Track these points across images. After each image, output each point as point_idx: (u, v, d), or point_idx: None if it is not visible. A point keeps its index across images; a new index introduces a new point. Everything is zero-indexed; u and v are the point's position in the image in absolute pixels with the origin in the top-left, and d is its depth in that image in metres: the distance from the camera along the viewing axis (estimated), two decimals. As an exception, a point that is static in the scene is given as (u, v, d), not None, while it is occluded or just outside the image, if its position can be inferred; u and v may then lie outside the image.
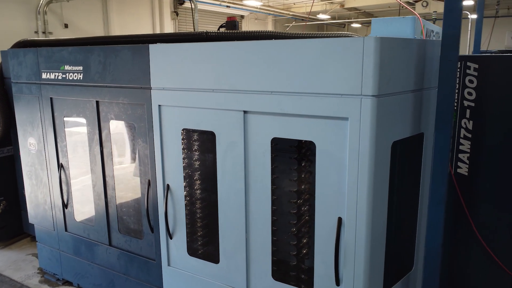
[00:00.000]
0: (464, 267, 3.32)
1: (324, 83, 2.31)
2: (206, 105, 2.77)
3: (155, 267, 3.34)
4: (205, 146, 3.16)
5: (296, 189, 2.98)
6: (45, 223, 4.10)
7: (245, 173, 2.71)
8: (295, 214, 2.93)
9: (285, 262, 2.96)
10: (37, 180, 4.04)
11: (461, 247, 3.33)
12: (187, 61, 2.78)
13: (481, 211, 3.19)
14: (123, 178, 3.55)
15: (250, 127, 2.65)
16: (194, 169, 3.20)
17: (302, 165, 3.00)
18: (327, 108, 2.33)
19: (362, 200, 2.32)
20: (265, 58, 2.47)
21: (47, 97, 3.69)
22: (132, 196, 3.56)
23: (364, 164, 2.27)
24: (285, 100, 2.45)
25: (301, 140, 2.93)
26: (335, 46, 2.24)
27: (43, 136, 3.83)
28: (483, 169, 3.14)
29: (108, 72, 3.19)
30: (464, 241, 3.28)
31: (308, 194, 3.08)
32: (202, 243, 3.25)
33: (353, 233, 2.39)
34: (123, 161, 3.59)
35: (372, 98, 2.18)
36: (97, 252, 3.72)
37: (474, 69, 3.04)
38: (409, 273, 2.92)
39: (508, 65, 2.97)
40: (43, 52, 3.60)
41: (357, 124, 2.24)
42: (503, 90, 2.98)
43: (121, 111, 3.26)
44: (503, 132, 3.07)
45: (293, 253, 2.94)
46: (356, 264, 2.41)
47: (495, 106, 3.02)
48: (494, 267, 3.28)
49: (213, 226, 3.06)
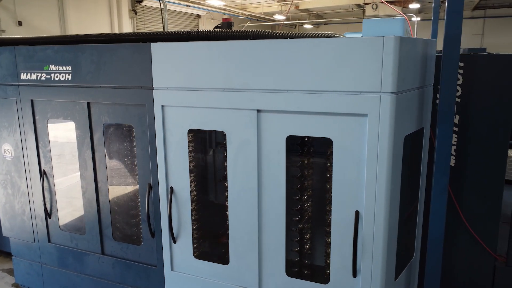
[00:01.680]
0: (451, 250, 3.55)
1: (343, 81, 2.37)
2: (216, 105, 2.73)
3: (156, 273, 3.23)
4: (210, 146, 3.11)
5: (299, 185, 3.03)
6: (23, 235, 3.80)
7: (258, 172, 2.71)
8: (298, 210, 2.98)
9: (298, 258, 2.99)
10: (13, 189, 3.74)
11: (449, 232, 3.56)
12: (195, 60, 2.72)
13: (467, 199, 3.44)
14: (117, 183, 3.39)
15: (263, 126, 2.65)
16: (199, 169, 3.14)
17: (305, 162, 3.06)
18: (345, 105, 2.39)
19: (381, 193, 2.41)
20: (282, 57, 2.49)
21: (26, 99, 3.42)
22: (128, 202, 3.42)
23: (383, 158, 2.36)
24: (302, 98, 2.49)
25: (303, 137, 2.98)
26: (354, 45, 2.31)
27: (22, 141, 3.55)
28: (469, 161, 3.38)
29: (103, 72, 3.03)
30: (452, 226, 3.51)
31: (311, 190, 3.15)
32: (209, 245, 3.19)
33: (371, 225, 2.48)
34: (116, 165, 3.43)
35: (391, 95, 2.28)
36: (87, 262, 3.52)
37: (460, 67, 3.27)
38: (411, 261, 3.08)
39: (491, 63, 3.22)
40: (22, 51, 3.33)
41: (376, 120, 2.33)
42: (487, 86, 3.23)
43: (117, 112, 3.11)
44: (487, 126, 3.33)
45: (306, 248, 2.98)
46: (374, 256, 2.51)
47: (479, 102, 3.26)
48: (479, 249, 3.54)
49: (222, 227, 3.03)
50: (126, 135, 3.38)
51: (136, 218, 3.39)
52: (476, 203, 3.43)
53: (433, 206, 2.81)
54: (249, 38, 2.68)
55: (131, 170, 3.41)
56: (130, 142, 3.35)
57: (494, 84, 3.23)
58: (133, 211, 3.40)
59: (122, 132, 3.36)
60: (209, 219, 3.21)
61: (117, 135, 3.37)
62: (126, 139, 3.37)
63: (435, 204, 2.80)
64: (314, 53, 2.41)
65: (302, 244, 3.01)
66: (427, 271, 2.90)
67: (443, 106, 2.67)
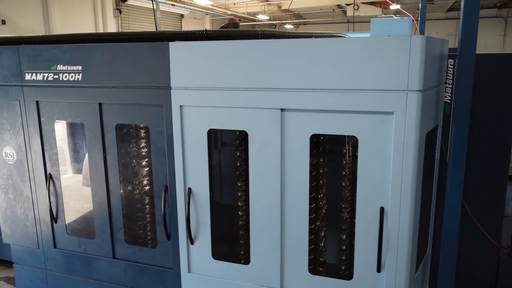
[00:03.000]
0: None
1: (369, 79, 2.41)
2: (238, 104, 2.72)
3: (171, 276, 3.18)
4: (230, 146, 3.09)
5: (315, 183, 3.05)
6: (25, 241, 3.67)
7: (281, 171, 2.72)
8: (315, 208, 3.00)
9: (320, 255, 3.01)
10: (15, 194, 3.60)
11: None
12: (217, 60, 2.70)
13: (472, 192, 3.55)
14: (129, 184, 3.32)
15: (287, 125, 2.66)
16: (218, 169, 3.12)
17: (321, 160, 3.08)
18: (371, 104, 2.43)
19: (406, 189, 2.46)
20: (307, 56, 2.50)
21: (31, 100, 3.30)
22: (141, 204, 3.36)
23: (409, 155, 2.42)
24: (327, 97, 2.51)
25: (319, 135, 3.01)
26: (381, 44, 2.35)
27: (25, 144, 3.42)
28: (474, 156, 3.49)
29: (116, 71, 2.96)
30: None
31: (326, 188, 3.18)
32: (229, 246, 3.17)
33: (396, 221, 2.53)
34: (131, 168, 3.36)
35: (417, 93, 2.34)
36: (97, 267, 3.43)
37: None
38: (426, 254, 3.16)
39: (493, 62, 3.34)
40: (27, 51, 3.21)
41: (403, 117, 2.38)
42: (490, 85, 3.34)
43: (130, 113, 3.04)
44: (490, 123, 3.45)
45: (327, 245, 3.00)
46: (399, 251, 2.56)
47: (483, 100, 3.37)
48: (483, 241, 3.67)
49: (243, 227, 3.02)
50: (139, 136, 3.31)
51: (150, 220, 3.33)
52: (481, 197, 3.55)
53: (449, 200, 2.89)
54: (273, 37, 2.68)
55: (143, 172, 3.34)
56: (143, 143, 3.29)
57: (497, 82, 3.35)
58: (147, 214, 3.34)
59: (135, 133, 3.29)
60: (226, 220, 3.19)
61: (129, 136, 3.30)
62: (139, 140, 3.31)
63: (451, 198, 2.88)
64: (340, 52, 2.43)
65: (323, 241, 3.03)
66: (443, 263, 2.98)
67: (459, 104, 2.74)
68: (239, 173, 3.22)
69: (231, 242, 3.19)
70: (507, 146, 3.50)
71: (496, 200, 3.60)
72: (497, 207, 3.61)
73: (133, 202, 3.39)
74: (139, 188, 3.39)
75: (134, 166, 3.36)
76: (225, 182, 3.45)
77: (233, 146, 3.24)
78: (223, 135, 3.37)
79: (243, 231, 3.10)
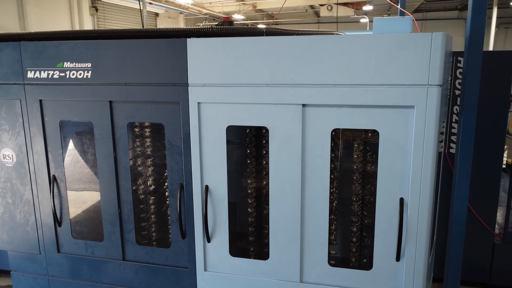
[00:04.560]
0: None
1: (391, 74, 2.49)
2: (259, 100, 2.73)
3: (186, 275, 3.15)
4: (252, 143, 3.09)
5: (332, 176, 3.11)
6: (25, 247, 3.51)
7: (301, 166, 2.76)
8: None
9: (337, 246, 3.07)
10: (14, 198, 3.43)
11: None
12: (237, 56, 2.70)
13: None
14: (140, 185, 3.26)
15: (308, 120, 2.70)
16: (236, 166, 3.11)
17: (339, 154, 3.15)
18: (393, 98, 2.52)
19: (426, 180, 2.57)
20: (329, 53, 2.55)
21: (34, 99, 3.16)
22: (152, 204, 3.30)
23: (428, 147, 2.52)
24: (350, 92, 2.57)
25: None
26: (403, 41, 2.44)
27: (27, 145, 3.28)
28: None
29: (129, 69, 2.90)
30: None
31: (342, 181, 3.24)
32: (247, 242, 3.18)
33: (416, 211, 2.63)
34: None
35: (437, 87, 2.45)
36: (106, 270, 3.34)
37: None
38: (434, 242, 3.30)
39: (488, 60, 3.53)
40: (29, 47, 3.08)
41: (423, 111, 2.48)
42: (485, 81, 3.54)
43: (143, 111, 2.99)
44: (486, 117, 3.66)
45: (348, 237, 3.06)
46: (418, 240, 2.66)
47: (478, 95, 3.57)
48: (479, 228, 3.88)
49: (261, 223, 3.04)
50: (150, 134, 3.25)
51: (162, 220, 3.28)
52: (477, 188, 3.75)
53: (457, 189, 3.04)
54: (294, 35, 2.71)
55: (155, 171, 3.29)
56: (155, 141, 3.24)
57: (492, 79, 3.56)
58: (159, 213, 3.28)
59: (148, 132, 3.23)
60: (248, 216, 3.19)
61: (140, 134, 3.23)
62: (150, 139, 3.25)
63: (459, 187, 3.04)
64: (362, 49, 2.50)
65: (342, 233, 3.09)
66: (451, 248, 3.13)
67: (468, 99, 2.90)
68: (249, 170, 3.23)
69: (248, 238, 3.19)
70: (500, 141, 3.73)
71: (491, 191, 3.82)
72: (492, 197, 3.83)
73: (144, 202, 3.32)
74: (151, 188, 3.32)
75: (146, 165, 3.29)
76: (238, 179, 3.44)
77: (242, 144, 3.25)
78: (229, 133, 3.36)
79: (260, 227, 3.12)
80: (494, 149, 3.72)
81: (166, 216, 3.31)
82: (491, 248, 3.90)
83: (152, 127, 3.33)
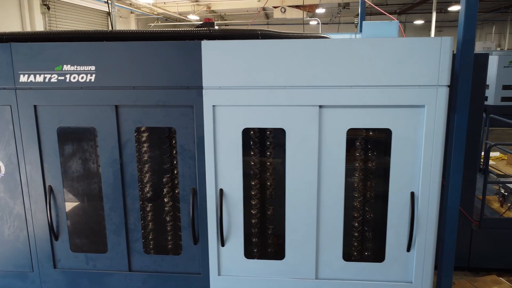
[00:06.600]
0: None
1: (404, 76, 2.65)
2: (276, 102, 2.77)
3: (199, 281, 3.10)
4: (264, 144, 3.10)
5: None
6: (15, 265, 3.24)
7: (318, 166, 2.83)
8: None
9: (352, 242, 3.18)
10: (1, 212, 3.16)
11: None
12: (254, 59, 2.71)
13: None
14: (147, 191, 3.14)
15: (325, 121, 2.78)
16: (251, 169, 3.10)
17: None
18: (405, 98, 2.68)
19: (435, 175, 2.77)
20: (346, 55, 2.66)
21: (27, 105, 2.94)
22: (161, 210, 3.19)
23: (437, 144, 2.72)
24: (365, 93, 2.70)
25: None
26: (415, 44, 2.61)
27: (18, 155, 3.03)
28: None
29: (138, 71, 2.80)
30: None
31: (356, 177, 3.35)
32: (262, 244, 3.18)
33: (426, 204, 2.82)
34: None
35: (446, 88, 2.64)
36: (109, 283, 3.18)
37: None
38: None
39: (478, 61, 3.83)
40: (22, 49, 2.85)
41: (433, 110, 2.67)
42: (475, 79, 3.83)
43: (153, 115, 2.89)
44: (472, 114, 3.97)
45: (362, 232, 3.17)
46: (428, 231, 2.85)
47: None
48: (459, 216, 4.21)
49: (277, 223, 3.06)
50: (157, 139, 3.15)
51: (172, 226, 3.19)
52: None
53: (451, 181, 3.28)
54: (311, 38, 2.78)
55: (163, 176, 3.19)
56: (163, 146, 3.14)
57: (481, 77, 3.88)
58: (168, 220, 3.19)
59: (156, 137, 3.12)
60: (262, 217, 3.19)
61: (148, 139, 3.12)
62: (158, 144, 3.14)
63: (453, 179, 3.27)
64: (378, 51, 2.63)
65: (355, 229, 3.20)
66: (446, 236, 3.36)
67: (460, 99, 3.13)
68: (252, 171, 3.23)
69: (263, 239, 3.21)
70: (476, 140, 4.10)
71: (470, 184, 4.16)
72: (470, 190, 4.18)
73: (151, 209, 3.21)
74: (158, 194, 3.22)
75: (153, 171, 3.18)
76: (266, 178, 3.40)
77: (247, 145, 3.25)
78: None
79: (274, 227, 3.15)
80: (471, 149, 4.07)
81: (172, 223, 3.23)
82: (469, 233, 4.25)
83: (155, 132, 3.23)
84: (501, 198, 5.04)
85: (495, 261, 4.42)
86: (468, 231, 4.26)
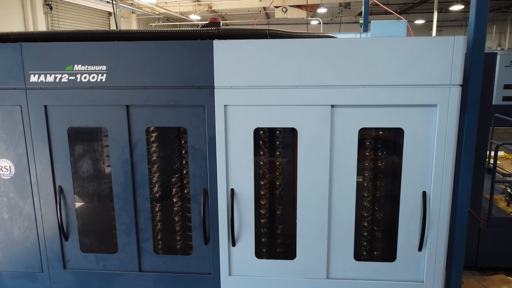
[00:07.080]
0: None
1: (417, 75, 2.65)
2: (288, 102, 2.76)
3: (210, 281, 3.09)
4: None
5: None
6: (24, 266, 3.23)
7: (329, 165, 2.83)
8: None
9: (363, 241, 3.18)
10: (11, 213, 3.15)
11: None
12: (266, 58, 2.71)
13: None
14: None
15: (337, 120, 2.78)
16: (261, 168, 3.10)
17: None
18: (418, 97, 2.68)
19: (447, 174, 2.76)
20: (359, 55, 2.65)
21: (38, 105, 2.93)
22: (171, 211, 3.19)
23: (450, 143, 2.72)
24: (378, 92, 2.69)
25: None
26: (428, 44, 2.61)
27: (28, 155, 3.02)
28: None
29: (150, 71, 2.79)
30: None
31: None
32: (272, 243, 3.18)
33: (438, 203, 2.81)
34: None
35: (458, 87, 2.64)
36: (120, 283, 3.17)
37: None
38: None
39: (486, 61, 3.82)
40: (33, 49, 2.84)
41: (446, 109, 2.67)
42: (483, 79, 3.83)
43: (164, 115, 2.89)
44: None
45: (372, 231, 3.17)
46: (440, 230, 2.85)
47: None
48: (468, 216, 4.22)
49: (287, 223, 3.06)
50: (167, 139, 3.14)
51: (182, 227, 3.19)
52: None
53: (462, 180, 3.27)
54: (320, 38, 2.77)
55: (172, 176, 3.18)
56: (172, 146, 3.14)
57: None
58: (177, 220, 3.18)
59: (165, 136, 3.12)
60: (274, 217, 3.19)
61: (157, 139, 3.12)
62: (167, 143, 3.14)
63: (463, 179, 3.26)
64: (390, 51, 2.63)
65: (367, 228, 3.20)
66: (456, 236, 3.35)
67: (471, 98, 3.13)
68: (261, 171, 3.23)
69: (273, 239, 3.20)
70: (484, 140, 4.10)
71: (477, 184, 4.16)
72: (478, 189, 4.18)
73: (161, 209, 3.20)
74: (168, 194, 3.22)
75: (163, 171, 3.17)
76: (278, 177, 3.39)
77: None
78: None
79: (285, 226, 3.15)
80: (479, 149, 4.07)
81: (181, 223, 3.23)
82: (477, 232, 4.25)
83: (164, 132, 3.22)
84: (507, 197, 5.05)
85: (502, 260, 4.42)
86: (476, 231, 4.26)
